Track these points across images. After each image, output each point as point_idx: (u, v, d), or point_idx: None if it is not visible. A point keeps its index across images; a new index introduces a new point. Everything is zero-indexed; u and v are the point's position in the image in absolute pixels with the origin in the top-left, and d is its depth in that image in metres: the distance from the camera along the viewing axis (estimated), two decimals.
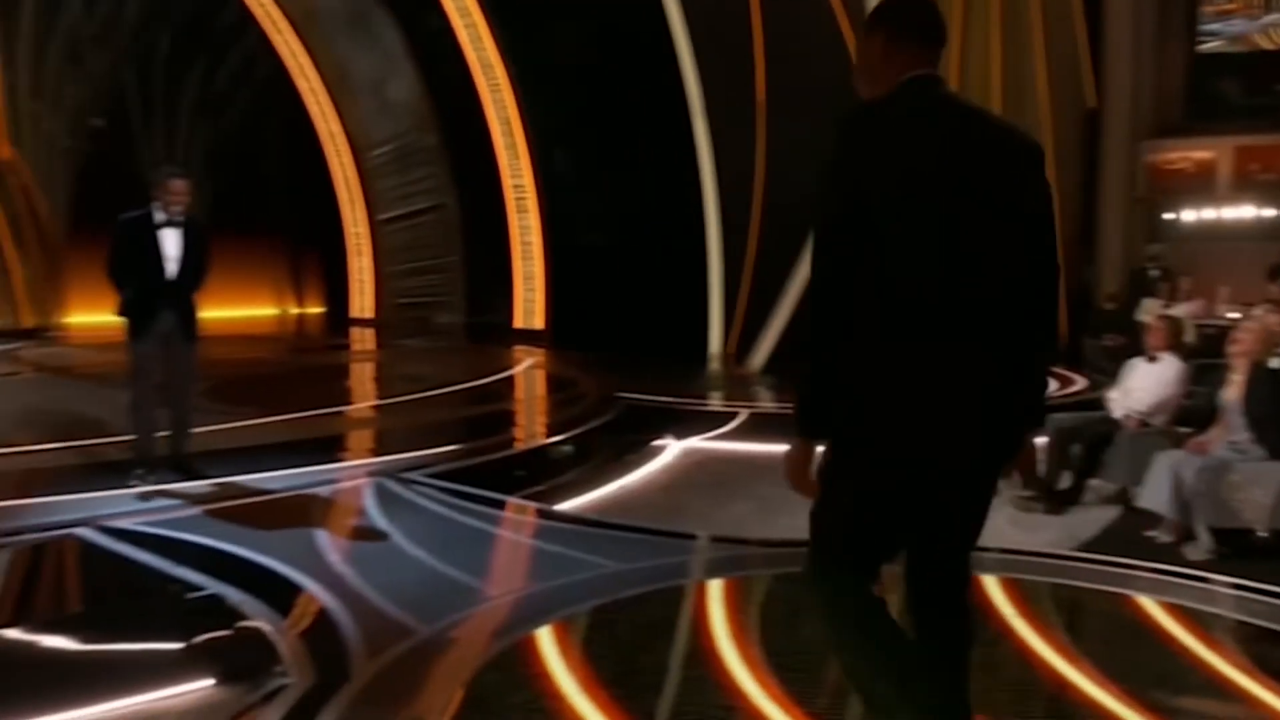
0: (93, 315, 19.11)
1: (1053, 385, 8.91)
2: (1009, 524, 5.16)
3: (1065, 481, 5.69)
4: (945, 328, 2.15)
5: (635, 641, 3.72)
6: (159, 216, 5.98)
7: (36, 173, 17.45)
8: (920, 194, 2.15)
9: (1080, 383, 10.00)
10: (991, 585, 4.20)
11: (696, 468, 6.79)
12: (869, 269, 2.13)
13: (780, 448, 7.44)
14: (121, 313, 6.04)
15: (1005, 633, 3.79)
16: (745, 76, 11.79)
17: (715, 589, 4.30)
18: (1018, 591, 4.18)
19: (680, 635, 3.83)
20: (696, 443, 7.53)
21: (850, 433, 2.21)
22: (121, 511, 5.38)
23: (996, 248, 2.19)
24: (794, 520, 5.19)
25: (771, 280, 11.71)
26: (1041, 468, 4.97)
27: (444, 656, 3.62)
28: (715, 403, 9.85)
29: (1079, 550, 4.89)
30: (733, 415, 8.71)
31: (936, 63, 2.33)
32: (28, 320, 16.88)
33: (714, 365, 12.30)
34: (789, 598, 4.14)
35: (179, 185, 6.00)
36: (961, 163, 2.19)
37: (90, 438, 7.67)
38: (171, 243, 5.98)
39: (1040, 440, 4.29)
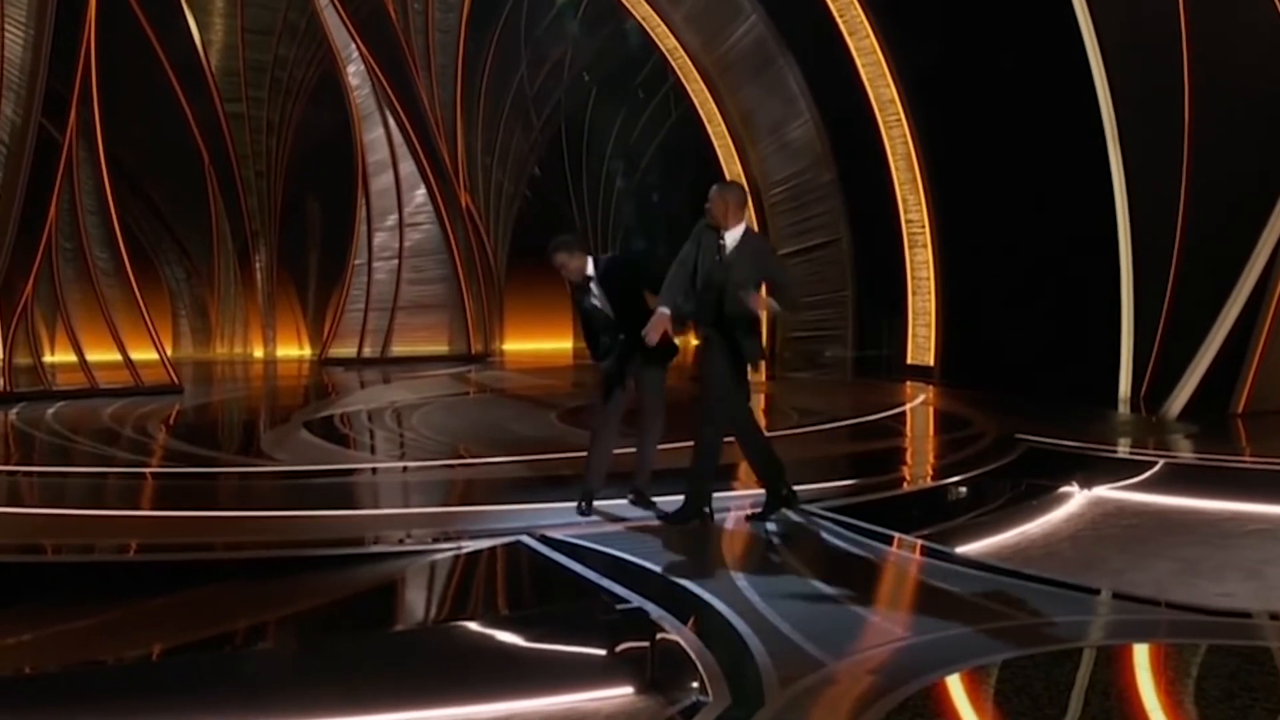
0: (524, 343, 21.66)
1: None
2: None
3: None
4: None
5: (1055, 702, 3.45)
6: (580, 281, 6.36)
7: (485, 217, 19.92)
8: None
9: None
10: None
11: (1106, 519, 6.40)
12: None
13: (1203, 503, 6.84)
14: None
15: None
16: (1169, 98, 10.95)
17: (1141, 654, 3.98)
18: None
19: (1105, 703, 3.51)
20: (1106, 492, 7.09)
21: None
22: (557, 523, 5.98)
23: None
24: (1220, 585, 4.85)
25: (1191, 318, 10.76)
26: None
27: (853, 692, 3.63)
28: (1126, 450, 9.20)
29: None
30: (1148, 465, 8.11)
31: None
32: (475, 346, 19.23)
33: (1124, 410, 11.48)
34: (1231, 674, 3.69)
35: (557, 261, 6.26)
36: None
37: (527, 453, 8.67)
38: (598, 294, 6.34)
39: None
